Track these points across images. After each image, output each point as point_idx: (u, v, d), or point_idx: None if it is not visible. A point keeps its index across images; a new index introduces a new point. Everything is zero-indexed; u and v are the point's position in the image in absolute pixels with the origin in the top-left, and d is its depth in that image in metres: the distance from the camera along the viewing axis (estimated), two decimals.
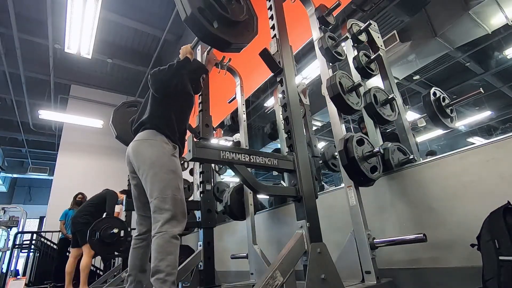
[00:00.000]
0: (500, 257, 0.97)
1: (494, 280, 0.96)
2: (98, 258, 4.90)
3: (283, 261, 1.06)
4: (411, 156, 1.69)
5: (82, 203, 4.82)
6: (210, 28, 1.31)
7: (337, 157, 2.70)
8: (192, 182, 3.50)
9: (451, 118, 1.82)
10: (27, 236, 6.05)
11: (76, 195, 4.87)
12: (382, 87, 1.93)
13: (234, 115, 2.84)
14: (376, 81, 2.09)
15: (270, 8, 1.64)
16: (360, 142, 1.52)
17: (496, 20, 4.14)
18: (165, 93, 1.67)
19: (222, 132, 4.15)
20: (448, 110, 1.80)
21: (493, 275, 0.97)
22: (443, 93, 1.84)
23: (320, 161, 2.75)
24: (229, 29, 1.40)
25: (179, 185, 1.53)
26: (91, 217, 3.60)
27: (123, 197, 3.98)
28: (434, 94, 1.81)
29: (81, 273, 3.49)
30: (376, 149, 1.49)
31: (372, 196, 1.65)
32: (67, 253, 4.56)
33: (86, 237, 3.34)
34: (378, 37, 2.16)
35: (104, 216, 3.62)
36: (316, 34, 1.88)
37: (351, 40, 2.01)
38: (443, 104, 1.79)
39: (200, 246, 2.28)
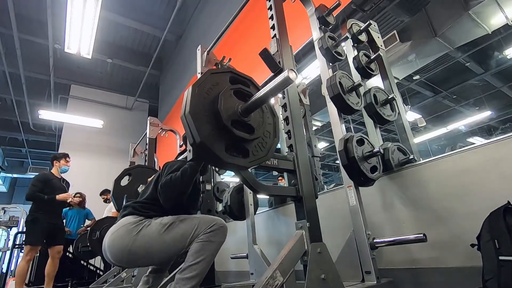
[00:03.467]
0: (500, 257, 0.97)
1: (494, 280, 0.96)
2: (99, 258, 4.89)
3: (283, 261, 1.06)
4: (411, 156, 1.69)
5: (83, 203, 4.81)
6: (246, 163, 1.07)
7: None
8: None
9: None
10: None
11: (74, 195, 4.84)
12: (382, 87, 1.93)
13: None
14: (376, 81, 2.09)
15: (270, 8, 1.64)
16: (360, 142, 1.52)
17: (496, 20, 4.14)
18: (178, 203, 1.43)
19: None
20: None
21: (493, 275, 0.97)
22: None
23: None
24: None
25: (186, 218, 1.37)
26: (35, 213, 3.18)
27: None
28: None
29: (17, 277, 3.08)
30: (376, 149, 1.49)
31: (372, 196, 1.65)
32: (68, 253, 4.57)
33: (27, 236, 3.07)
34: (378, 37, 2.16)
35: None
36: (316, 34, 1.88)
37: (351, 40, 2.01)
38: None
39: None
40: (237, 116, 1.04)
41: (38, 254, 5.32)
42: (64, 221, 4.36)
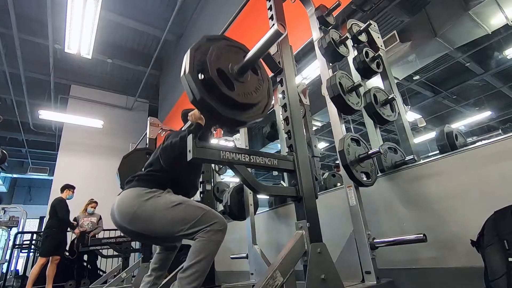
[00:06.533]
0: (510, 259, 0.94)
1: (503, 281, 0.93)
2: (99, 258, 4.90)
3: (283, 261, 1.06)
4: (411, 156, 1.69)
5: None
6: (243, 117, 1.17)
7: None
8: None
9: None
10: (27, 236, 6.05)
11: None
12: (382, 87, 1.93)
13: None
14: (376, 81, 2.09)
15: (270, 8, 1.64)
16: (359, 143, 1.53)
17: (496, 20, 4.14)
18: (177, 166, 1.51)
19: (222, 132, 4.15)
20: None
21: (500, 276, 0.94)
22: (457, 131, 1.70)
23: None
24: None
25: (193, 205, 1.40)
26: (48, 229, 4.08)
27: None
28: (449, 132, 1.65)
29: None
30: (376, 149, 1.49)
31: (372, 196, 1.65)
32: (67, 254, 4.57)
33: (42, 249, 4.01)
34: (378, 37, 2.16)
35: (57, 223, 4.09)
36: (316, 34, 1.88)
37: (351, 40, 2.01)
38: (457, 143, 1.65)
39: None
40: (233, 76, 1.15)
41: (38, 255, 5.34)
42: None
